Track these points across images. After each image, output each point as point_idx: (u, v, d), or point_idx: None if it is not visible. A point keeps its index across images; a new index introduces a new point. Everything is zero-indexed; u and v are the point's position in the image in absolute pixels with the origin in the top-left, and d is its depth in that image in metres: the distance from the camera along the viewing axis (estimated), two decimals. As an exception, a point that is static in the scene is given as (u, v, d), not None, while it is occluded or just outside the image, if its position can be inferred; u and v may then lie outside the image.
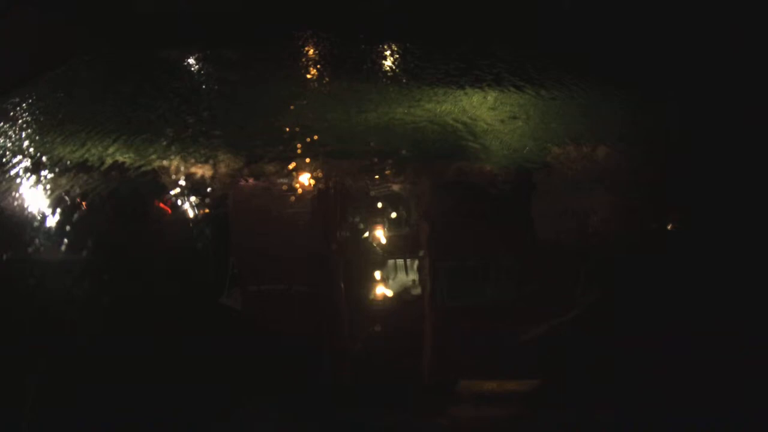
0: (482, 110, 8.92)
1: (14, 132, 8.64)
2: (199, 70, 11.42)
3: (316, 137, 8.58)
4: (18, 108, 9.33)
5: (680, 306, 5.31)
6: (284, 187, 7.46)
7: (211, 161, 7.84)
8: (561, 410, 4.59)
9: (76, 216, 6.82)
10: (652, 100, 8.65)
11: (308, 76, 11.05)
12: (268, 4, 12.20)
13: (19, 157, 7.94)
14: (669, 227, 6.86)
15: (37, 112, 9.37)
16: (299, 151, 8.22)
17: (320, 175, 7.76)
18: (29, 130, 8.72)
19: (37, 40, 10.44)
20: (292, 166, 7.79)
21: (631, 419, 4.43)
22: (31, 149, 8.13)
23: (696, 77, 8.84)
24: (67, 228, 6.62)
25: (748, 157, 7.06)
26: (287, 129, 8.91)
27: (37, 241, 6.54)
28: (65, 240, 6.47)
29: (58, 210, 6.91)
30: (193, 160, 7.86)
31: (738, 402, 4.27)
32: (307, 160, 7.98)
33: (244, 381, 4.83)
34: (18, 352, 5.00)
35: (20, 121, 8.99)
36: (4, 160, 7.89)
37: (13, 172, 7.59)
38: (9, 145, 8.31)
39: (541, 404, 4.72)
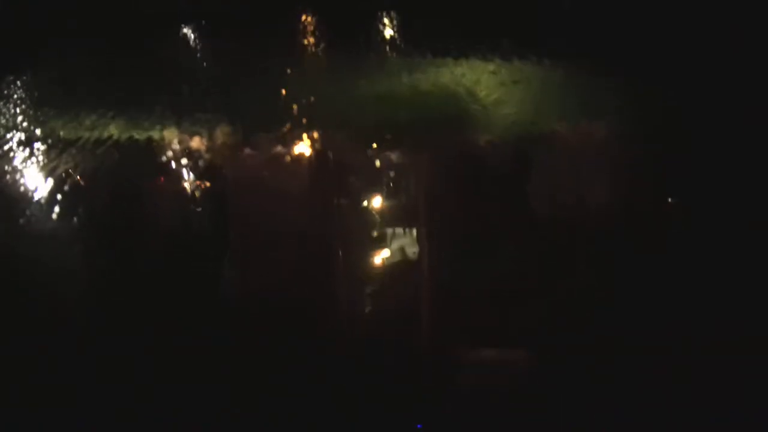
0: (483, 75, 8.86)
1: (8, 110, 8.61)
2: (196, 44, 11.35)
3: (315, 108, 8.54)
4: (12, 86, 9.28)
5: (673, 282, 5.32)
6: (283, 160, 7.43)
7: (209, 135, 7.81)
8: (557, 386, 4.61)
9: (70, 190, 6.84)
10: (649, 83, 8.50)
11: (307, 47, 10.99)
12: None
13: (13, 132, 7.93)
14: (667, 203, 6.83)
15: (32, 89, 9.33)
16: (298, 122, 8.19)
17: (320, 146, 7.72)
18: (24, 107, 8.70)
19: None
20: (290, 137, 7.74)
21: (629, 404, 4.45)
22: (25, 124, 8.15)
23: (691, 63, 8.67)
24: (60, 202, 6.66)
25: (746, 148, 6.97)
26: (286, 101, 8.87)
27: (31, 216, 6.61)
28: (58, 214, 6.52)
29: (53, 185, 6.93)
30: (191, 134, 7.83)
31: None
32: (306, 131, 7.94)
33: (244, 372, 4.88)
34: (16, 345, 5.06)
35: (15, 98, 8.96)
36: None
37: (6, 147, 7.60)
38: (3, 122, 8.29)
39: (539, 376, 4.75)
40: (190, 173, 7.34)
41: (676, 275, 5.39)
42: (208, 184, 7.21)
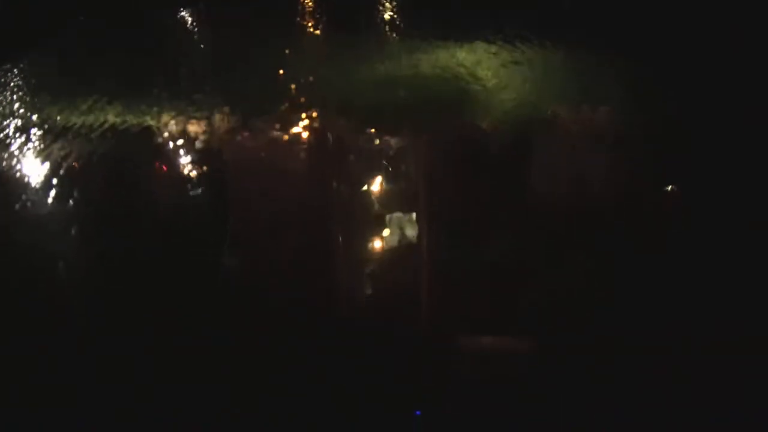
0: (484, 56, 8.75)
1: (6, 98, 8.56)
2: (194, 27, 11.27)
3: (314, 90, 8.47)
4: (10, 74, 9.23)
5: (672, 263, 5.32)
6: (282, 142, 7.37)
7: (208, 118, 7.75)
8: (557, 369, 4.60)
9: (68, 177, 6.80)
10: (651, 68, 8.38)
11: (306, 28, 10.94)
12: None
13: (10, 119, 7.90)
14: (669, 192, 6.77)
15: (30, 77, 9.28)
16: (298, 104, 8.13)
17: (319, 128, 7.65)
18: (21, 93, 8.66)
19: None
20: (290, 120, 7.66)
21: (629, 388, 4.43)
22: (22, 110, 8.10)
23: (698, 49, 8.53)
24: (58, 188, 6.64)
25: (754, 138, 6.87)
26: (285, 83, 8.81)
27: (29, 202, 6.57)
28: (53, 201, 6.49)
29: (48, 173, 6.88)
30: (188, 117, 7.77)
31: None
32: (306, 113, 7.86)
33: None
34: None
35: (13, 86, 8.92)
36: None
37: (3, 134, 7.56)
38: (1, 109, 8.24)
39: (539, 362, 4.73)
40: (188, 156, 7.29)
41: (678, 268, 5.36)
42: (206, 168, 7.16)
